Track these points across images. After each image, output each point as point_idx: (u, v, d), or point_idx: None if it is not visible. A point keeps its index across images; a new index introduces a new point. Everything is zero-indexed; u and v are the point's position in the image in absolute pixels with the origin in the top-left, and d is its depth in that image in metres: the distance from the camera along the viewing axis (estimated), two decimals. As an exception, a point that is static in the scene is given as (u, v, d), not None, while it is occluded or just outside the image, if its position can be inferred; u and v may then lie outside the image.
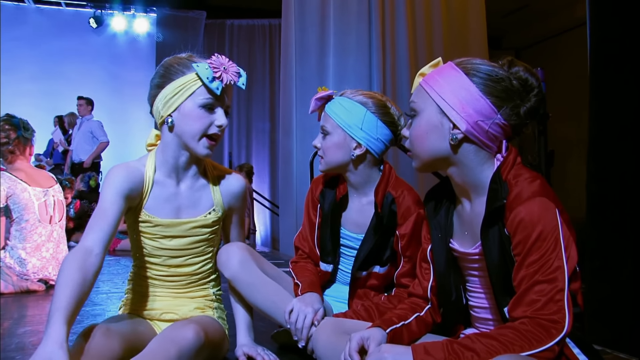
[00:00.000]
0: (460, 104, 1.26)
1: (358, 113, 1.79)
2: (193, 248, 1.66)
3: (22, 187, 3.18)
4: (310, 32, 4.94)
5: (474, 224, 1.30)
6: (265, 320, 2.40)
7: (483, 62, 1.31)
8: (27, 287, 3.15)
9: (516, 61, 1.31)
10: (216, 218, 1.67)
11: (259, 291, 1.76)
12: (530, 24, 10.01)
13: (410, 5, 5.06)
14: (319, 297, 1.76)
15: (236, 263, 1.73)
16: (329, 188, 1.93)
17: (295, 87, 4.97)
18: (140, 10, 9.70)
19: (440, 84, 1.29)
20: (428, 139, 1.31)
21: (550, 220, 1.15)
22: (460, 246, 1.36)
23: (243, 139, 9.97)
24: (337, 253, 1.90)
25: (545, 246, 1.14)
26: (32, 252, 3.18)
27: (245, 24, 10.07)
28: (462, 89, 1.26)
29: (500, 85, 1.26)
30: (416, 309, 1.44)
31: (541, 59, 9.76)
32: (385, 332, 1.34)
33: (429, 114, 1.30)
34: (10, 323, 2.37)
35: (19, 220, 3.16)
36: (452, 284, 1.38)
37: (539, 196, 1.17)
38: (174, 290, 1.69)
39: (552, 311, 1.10)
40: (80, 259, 1.39)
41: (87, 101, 7.86)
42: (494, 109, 1.25)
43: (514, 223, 1.18)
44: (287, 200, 5.17)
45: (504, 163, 1.26)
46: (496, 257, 1.23)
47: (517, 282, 1.17)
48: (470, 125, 1.25)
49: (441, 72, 1.32)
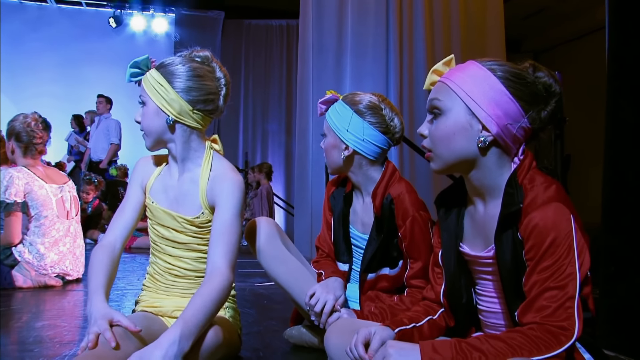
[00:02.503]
0: (491, 105, 1.23)
1: (345, 115, 1.82)
2: (186, 243, 1.67)
3: (40, 184, 3.24)
4: (328, 33, 4.95)
5: (487, 227, 1.29)
6: (277, 319, 2.43)
7: (508, 64, 1.28)
8: (45, 282, 3.20)
9: (539, 66, 1.29)
10: (205, 220, 1.65)
11: (282, 266, 1.83)
12: (549, 27, 9.94)
13: (429, 6, 5.04)
14: (341, 282, 1.80)
15: (263, 235, 1.82)
16: (340, 188, 1.98)
17: (312, 88, 4.98)
18: (159, 10, 9.80)
19: (468, 83, 1.26)
20: (455, 140, 1.27)
21: (565, 226, 1.14)
22: (471, 249, 1.35)
23: (259, 139, 10.01)
24: (350, 252, 1.92)
25: (559, 252, 1.13)
26: (51, 247, 3.23)
27: (263, 24, 10.12)
28: (492, 90, 1.24)
29: (528, 89, 1.25)
30: (430, 312, 1.44)
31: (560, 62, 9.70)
32: (393, 331, 1.33)
33: (457, 114, 1.26)
34: (29, 317, 2.41)
35: (38, 216, 3.21)
36: (462, 286, 1.37)
37: (554, 202, 1.16)
38: (180, 288, 1.70)
39: (562, 318, 1.09)
40: (106, 252, 1.59)
41: (106, 99, 7.95)
42: (523, 112, 1.24)
43: (528, 228, 1.16)
44: (302, 201, 5.18)
45: (520, 167, 1.25)
46: (509, 261, 1.22)
47: (528, 288, 1.16)
48: (500, 128, 1.23)
49: (467, 71, 1.28)
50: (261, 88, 10.03)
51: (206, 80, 1.61)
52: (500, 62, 1.29)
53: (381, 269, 1.86)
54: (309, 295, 1.74)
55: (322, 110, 1.92)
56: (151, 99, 1.60)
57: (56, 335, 2.07)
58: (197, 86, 1.59)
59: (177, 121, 1.61)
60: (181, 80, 1.58)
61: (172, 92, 1.58)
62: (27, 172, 3.21)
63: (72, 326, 2.24)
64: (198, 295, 1.42)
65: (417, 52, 4.98)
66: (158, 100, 1.59)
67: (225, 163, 1.69)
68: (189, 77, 1.59)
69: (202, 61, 1.65)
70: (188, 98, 1.59)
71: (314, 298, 1.72)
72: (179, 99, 1.58)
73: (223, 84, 1.66)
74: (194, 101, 1.59)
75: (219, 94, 1.64)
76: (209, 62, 1.66)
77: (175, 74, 1.59)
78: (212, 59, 1.68)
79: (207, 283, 1.46)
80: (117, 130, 7.85)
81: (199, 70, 1.61)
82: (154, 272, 1.73)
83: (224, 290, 1.45)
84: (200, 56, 1.66)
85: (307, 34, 5.12)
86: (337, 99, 1.88)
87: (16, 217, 3.13)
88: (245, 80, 10.01)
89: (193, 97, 1.59)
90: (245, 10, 9.97)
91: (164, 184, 1.70)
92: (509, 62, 1.31)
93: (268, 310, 2.69)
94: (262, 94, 10.01)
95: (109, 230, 1.67)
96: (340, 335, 1.47)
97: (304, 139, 5.11)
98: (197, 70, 1.61)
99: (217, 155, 1.70)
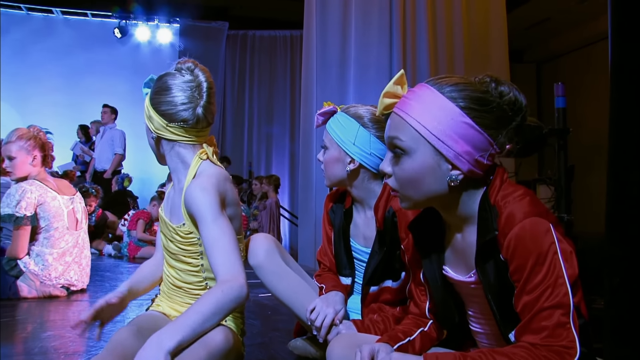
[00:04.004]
0: (459, 143, 1.15)
1: (351, 128, 1.81)
2: (175, 253, 1.67)
3: (52, 196, 3.25)
4: (332, 45, 4.96)
5: (467, 253, 1.25)
6: (282, 330, 2.42)
7: (468, 87, 1.19)
8: (49, 292, 3.21)
9: (499, 80, 1.21)
10: (187, 230, 1.62)
11: (282, 281, 1.81)
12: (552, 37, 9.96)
13: (432, 18, 5.06)
14: (342, 296, 1.79)
15: (262, 252, 1.80)
16: (338, 203, 1.97)
17: (316, 99, 4.98)
18: (163, 20, 9.84)
19: (430, 119, 1.16)
20: (423, 182, 1.19)
21: (546, 240, 1.10)
22: (455, 274, 1.31)
23: (263, 150, 10.01)
24: (352, 266, 1.92)
25: (545, 269, 1.09)
26: (58, 258, 3.25)
27: (267, 35, 10.14)
28: (457, 125, 1.16)
29: (494, 114, 1.17)
30: (420, 324, 1.41)
31: (563, 72, 9.70)
32: (392, 348, 1.30)
33: (423, 156, 1.18)
34: (34, 327, 2.42)
35: (48, 227, 3.22)
36: (453, 308, 1.34)
37: (530, 216, 1.12)
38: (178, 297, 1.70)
39: (562, 337, 1.07)
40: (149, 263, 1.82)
41: (111, 109, 7.99)
42: (491, 140, 1.17)
43: (509, 249, 1.12)
44: (307, 212, 5.18)
45: (490, 187, 1.20)
46: (494, 284, 1.18)
47: (520, 309, 1.13)
48: (471, 164, 1.16)
49: (425, 102, 1.18)
50: (265, 98, 10.05)
51: (176, 92, 1.60)
52: (458, 84, 1.19)
53: (384, 282, 1.86)
54: (309, 310, 1.74)
55: (319, 122, 1.91)
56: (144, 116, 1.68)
57: (61, 346, 2.07)
58: (164, 100, 1.61)
59: (159, 137, 1.65)
60: (157, 96, 1.63)
61: (150, 108, 1.64)
62: (40, 185, 3.21)
63: (77, 337, 2.24)
64: (197, 300, 1.44)
65: (420, 63, 4.99)
66: (145, 118, 1.67)
67: (207, 170, 1.63)
68: (162, 91, 1.62)
69: (182, 71, 1.64)
70: (163, 113, 1.61)
71: (314, 313, 1.72)
72: (155, 114, 1.62)
73: (204, 91, 1.62)
74: (168, 115, 1.61)
75: (196, 102, 1.61)
76: (190, 71, 1.64)
77: (155, 90, 1.65)
78: (194, 66, 1.65)
79: (210, 290, 1.48)
80: (122, 141, 7.88)
81: (170, 82, 1.62)
82: (163, 277, 1.78)
83: (225, 292, 1.42)
84: (183, 67, 1.65)
85: (311, 45, 5.14)
86: (335, 110, 1.88)
87: (24, 231, 3.12)
88: (250, 91, 10.03)
89: (164, 111, 1.61)
90: (249, 21, 10.00)
91: (168, 194, 1.77)
92: (464, 79, 1.21)
93: (272, 321, 2.69)
94: (266, 104, 10.01)
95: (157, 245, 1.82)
96: (344, 348, 1.46)
97: (308, 150, 5.12)
98: (168, 83, 1.62)
99: (205, 164, 1.65)
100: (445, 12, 5.12)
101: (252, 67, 10.12)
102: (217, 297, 1.41)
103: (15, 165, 3.16)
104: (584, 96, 8.56)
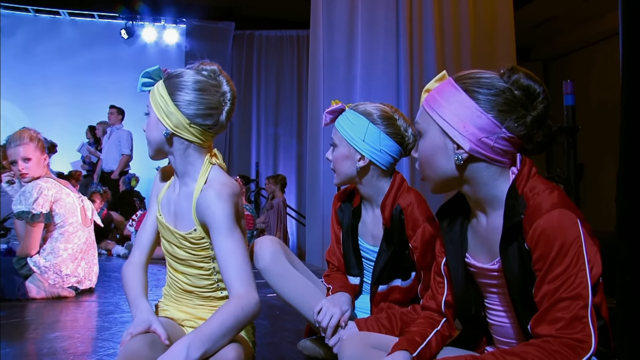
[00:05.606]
0: (462, 122, 1.22)
1: (361, 125, 1.80)
2: (184, 259, 1.65)
3: (67, 192, 3.33)
4: (338, 45, 4.96)
5: (491, 239, 1.27)
6: (291, 330, 2.42)
7: (483, 76, 1.26)
8: (58, 293, 3.22)
9: (517, 68, 1.25)
10: (198, 236, 1.60)
11: (288, 283, 1.81)
12: (560, 35, 9.91)
13: (439, 17, 5.04)
14: (349, 297, 1.79)
15: (268, 254, 1.80)
16: (346, 202, 1.97)
17: (323, 98, 4.98)
18: (170, 21, 9.86)
19: (440, 103, 1.26)
20: (435, 160, 1.28)
21: (572, 232, 1.11)
22: (477, 261, 1.32)
23: (270, 150, 10.01)
24: (361, 265, 1.91)
25: (567, 260, 1.10)
26: (73, 253, 3.29)
27: (274, 35, 10.15)
28: (461, 107, 1.22)
29: (501, 98, 1.21)
30: (434, 325, 1.41)
31: (571, 70, 9.65)
32: (411, 356, 1.31)
33: (432, 136, 1.27)
34: (43, 328, 2.42)
35: (62, 223, 3.27)
36: (471, 298, 1.35)
37: (559, 207, 1.13)
38: (188, 299, 1.69)
39: (578, 330, 1.07)
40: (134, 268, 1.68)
41: (118, 110, 8.01)
42: (497, 123, 1.20)
43: (534, 237, 1.13)
44: (314, 212, 5.18)
45: (518, 176, 1.22)
46: (517, 272, 1.19)
47: (539, 298, 1.13)
48: (474, 144, 1.21)
49: (441, 91, 1.28)
50: (272, 98, 10.05)
51: (207, 95, 1.57)
52: (475, 74, 1.27)
53: (393, 281, 1.85)
54: (316, 312, 1.74)
55: (327, 120, 1.90)
56: (153, 110, 1.60)
57: (70, 347, 2.08)
58: (197, 100, 1.56)
59: (174, 134, 1.58)
60: (181, 94, 1.56)
61: (171, 104, 1.56)
62: (54, 182, 3.27)
63: (86, 337, 2.25)
64: (217, 311, 1.43)
65: (427, 63, 4.97)
66: (158, 112, 1.58)
67: (220, 177, 1.61)
68: (189, 90, 1.56)
69: (207, 75, 1.61)
70: (186, 112, 1.55)
71: (320, 314, 1.72)
72: (177, 111, 1.55)
73: (228, 98, 1.61)
74: (193, 115, 1.56)
75: (221, 109, 1.59)
76: (215, 76, 1.62)
77: (177, 86, 1.57)
78: (219, 72, 1.63)
79: (228, 302, 1.46)
80: (129, 141, 7.89)
81: (201, 84, 1.57)
82: (168, 282, 1.75)
83: (244, 309, 1.43)
84: (207, 69, 1.62)
85: (317, 45, 5.13)
86: (344, 108, 1.88)
87: (38, 229, 3.16)
88: (257, 91, 10.04)
89: (192, 110, 1.55)
90: (256, 21, 10.01)
91: (169, 198, 1.69)
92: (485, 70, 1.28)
93: (281, 321, 2.69)
94: (273, 104, 10.02)
95: (135, 246, 1.74)
96: (355, 348, 1.46)
97: (315, 149, 5.12)
98: (199, 84, 1.57)
99: (216, 170, 1.63)
100: (452, 11, 5.10)
101: (259, 67, 10.13)
102: (237, 313, 1.42)
103: (32, 166, 3.21)
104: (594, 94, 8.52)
